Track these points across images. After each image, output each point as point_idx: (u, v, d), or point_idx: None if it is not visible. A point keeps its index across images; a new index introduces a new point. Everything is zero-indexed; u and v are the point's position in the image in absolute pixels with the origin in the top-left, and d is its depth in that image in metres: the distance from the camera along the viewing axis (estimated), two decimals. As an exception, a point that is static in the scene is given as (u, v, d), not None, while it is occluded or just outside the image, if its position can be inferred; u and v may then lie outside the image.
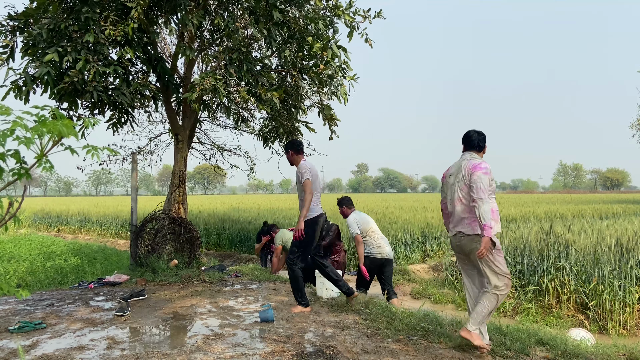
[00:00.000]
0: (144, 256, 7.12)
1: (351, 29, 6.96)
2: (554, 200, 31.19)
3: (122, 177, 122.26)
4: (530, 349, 3.75)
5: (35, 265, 7.97)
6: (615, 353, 3.82)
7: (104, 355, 3.49)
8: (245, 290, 6.06)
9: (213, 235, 14.61)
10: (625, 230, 8.16)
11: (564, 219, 13.47)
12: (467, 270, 3.91)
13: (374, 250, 6.29)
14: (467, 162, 3.72)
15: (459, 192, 3.73)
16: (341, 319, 4.63)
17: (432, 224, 12.56)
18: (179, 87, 7.68)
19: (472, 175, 3.59)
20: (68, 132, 1.58)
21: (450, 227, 3.90)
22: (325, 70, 6.81)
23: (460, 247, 3.79)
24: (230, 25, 6.08)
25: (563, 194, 60.79)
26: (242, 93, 6.04)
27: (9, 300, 5.48)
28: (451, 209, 3.84)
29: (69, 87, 5.60)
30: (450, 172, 3.89)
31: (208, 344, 3.75)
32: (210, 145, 10.71)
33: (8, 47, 5.92)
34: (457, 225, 3.76)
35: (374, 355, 3.53)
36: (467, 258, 3.81)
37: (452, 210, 3.82)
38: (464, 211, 3.70)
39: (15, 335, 4.01)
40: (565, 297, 6.59)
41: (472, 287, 3.89)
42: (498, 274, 3.58)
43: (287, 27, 6.64)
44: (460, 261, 3.97)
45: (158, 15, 6.84)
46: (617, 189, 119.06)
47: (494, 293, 3.58)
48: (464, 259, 3.88)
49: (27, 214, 22.39)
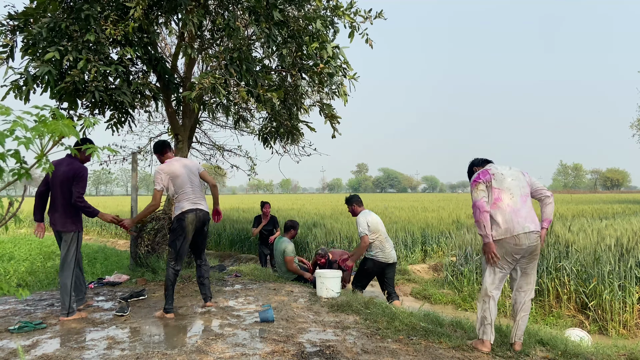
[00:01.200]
0: (144, 256, 7.12)
1: (352, 30, 6.95)
2: (554, 200, 31.23)
3: (122, 177, 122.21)
4: (530, 349, 3.75)
5: (35, 265, 7.97)
6: (615, 353, 3.82)
7: (104, 355, 3.49)
8: (245, 290, 6.06)
9: (213, 235, 14.61)
10: (625, 230, 8.16)
11: (564, 219, 13.47)
12: (505, 275, 3.79)
13: (379, 253, 6.18)
14: (511, 169, 3.86)
15: (524, 189, 3.76)
16: (341, 319, 4.63)
17: (432, 224, 12.56)
18: (179, 87, 7.68)
19: (531, 177, 3.87)
20: (69, 132, 1.58)
21: (517, 225, 3.63)
22: (325, 70, 6.80)
23: (532, 247, 3.65)
24: (231, 25, 6.07)
25: (563, 194, 60.77)
26: (242, 93, 6.04)
27: (9, 300, 5.48)
28: (517, 206, 3.67)
29: (70, 86, 5.60)
30: (501, 171, 3.78)
31: (208, 344, 3.75)
32: (210, 145, 10.71)
33: (8, 46, 5.92)
34: (532, 223, 3.64)
35: (374, 355, 3.53)
36: (526, 259, 3.71)
37: (519, 206, 3.67)
38: (531, 209, 3.73)
39: (15, 335, 4.01)
40: (565, 297, 6.59)
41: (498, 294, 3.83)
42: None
43: (287, 27, 6.64)
44: (507, 264, 3.71)
45: (158, 15, 6.84)
46: (617, 189, 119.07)
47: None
48: (515, 260, 3.70)
49: (27, 214, 22.36)
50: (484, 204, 3.67)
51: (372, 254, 6.17)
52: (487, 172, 3.78)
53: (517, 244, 3.59)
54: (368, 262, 6.20)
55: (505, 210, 3.65)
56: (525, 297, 3.75)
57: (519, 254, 3.64)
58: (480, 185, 3.74)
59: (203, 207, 4.91)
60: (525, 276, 3.77)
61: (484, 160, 4.04)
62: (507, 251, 3.64)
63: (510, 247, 3.61)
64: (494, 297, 3.71)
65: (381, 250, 6.16)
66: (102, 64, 5.65)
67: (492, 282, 3.73)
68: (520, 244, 3.59)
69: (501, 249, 3.65)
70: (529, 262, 3.72)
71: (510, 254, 3.64)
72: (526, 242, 3.59)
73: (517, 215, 3.63)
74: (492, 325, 3.71)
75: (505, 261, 3.68)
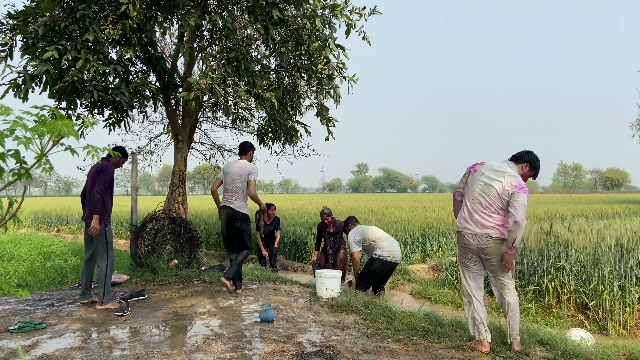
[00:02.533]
0: (144, 256, 7.12)
1: (348, 27, 6.99)
2: (554, 200, 31.20)
3: (122, 177, 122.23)
4: (530, 349, 3.75)
5: (35, 265, 7.96)
6: (615, 353, 3.82)
7: (104, 355, 3.49)
8: (245, 290, 6.06)
9: (213, 235, 14.59)
10: (625, 230, 8.16)
11: (564, 219, 13.47)
12: (475, 274, 3.85)
13: (386, 253, 6.41)
14: (511, 178, 3.62)
15: (491, 196, 3.63)
16: (341, 319, 4.63)
17: (432, 224, 12.56)
18: (178, 87, 7.68)
19: (515, 195, 3.52)
20: (68, 132, 1.58)
21: (465, 223, 3.74)
22: (324, 71, 6.82)
23: (482, 249, 3.67)
24: (229, 25, 6.07)
25: (563, 194, 60.81)
26: (241, 93, 6.04)
27: (9, 300, 5.48)
28: (472, 207, 3.71)
29: (69, 86, 5.59)
30: (483, 171, 3.75)
31: (208, 344, 3.75)
32: (210, 145, 10.71)
33: (7, 45, 5.92)
34: (482, 228, 3.64)
35: (374, 355, 3.53)
36: (487, 261, 3.73)
37: (473, 209, 3.70)
38: (489, 216, 3.63)
39: (15, 335, 4.01)
40: (565, 297, 6.58)
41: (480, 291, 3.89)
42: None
43: (285, 26, 6.64)
44: (469, 260, 3.84)
45: (157, 15, 6.83)
46: (617, 189, 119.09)
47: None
48: (475, 259, 3.80)
49: (27, 214, 22.39)
50: (456, 193, 4.01)
51: (378, 254, 6.33)
52: (475, 166, 3.90)
53: (464, 242, 3.77)
54: (375, 262, 6.37)
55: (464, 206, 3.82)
56: (504, 298, 3.70)
57: (473, 253, 3.76)
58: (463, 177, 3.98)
59: (232, 205, 5.43)
60: (494, 278, 3.78)
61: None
62: (461, 247, 3.83)
63: (462, 243, 3.81)
64: (476, 297, 3.77)
65: (387, 250, 6.39)
66: (100, 64, 5.65)
67: (467, 282, 3.82)
68: (468, 243, 3.74)
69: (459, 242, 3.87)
70: (491, 264, 3.71)
71: (464, 250, 3.82)
72: (473, 242, 3.69)
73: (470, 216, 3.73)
74: (485, 324, 3.72)
75: (466, 258, 3.83)
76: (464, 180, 3.94)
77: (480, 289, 3.82)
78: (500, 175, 3.67)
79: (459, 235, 3.83)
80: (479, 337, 3.72)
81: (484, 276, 3.88)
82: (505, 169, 3.72)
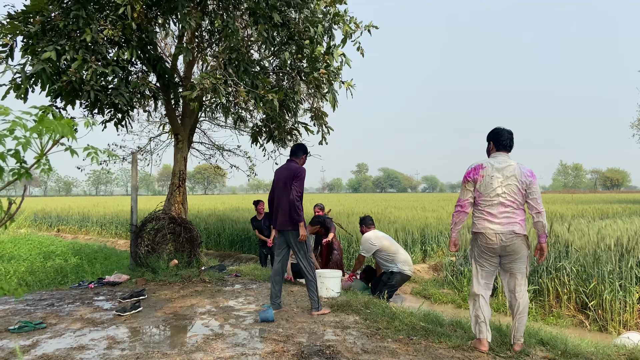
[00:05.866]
0: (144, 256, 7.12)
1: (345, 37, 7.02)
2: (554, 200, 31.18)
3: (122, 177, 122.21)
4: (530, 349, 3.75)
5: (35, 265, 7.96)
6: (615, 353, 3.82)
7: (104, 355, 3.49)
8: (245, 290, 6.06)
9: (213, 235, 14.60)
10: (625, 230, 8.15)
11: (564, 219, 13.47)
12: (489, 273, 3.82)
13: (406, 267, 6.40)
14: (519, 166, 3.68)
15: (512, 193, 3.63)
16: (341, 319, 4.64)
17: (432, 224, 12.55)
18: (178, 87, 7.68)
19: (532, 185, 3.63)
20: (67, 132, 1.58)
21: (487, 224, 3.69)
22: (325, 75, 6.84)
23: (505, 247, 3.65)
24: (230, 26, 6.07)
25: (563, 194, 60.77)
26: (242, 93, 6.04)
27: (9, 300, 5.48)
28: (494, 209, 3.67)
29: (67, 86, 5.59)
30: (492, 174, 3.69)
31: (208, 344, 3.75)
32: (210, 145, 10.71)
33: (7, 46, 5.92)
34: (507, 225, 3.63)
35: (374, 355, 3.53)
36: (507, 258, 3.72)
37: (496, 210, 3.66)
38: (513, 212, 3.64)
39: (15, 335, 4.01)
40: (565, 297, 6.58)
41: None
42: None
43: (286, 29, 6.65)
44: (487, 260, 3.78)
45: (157, 15, 6.83)
46: (617, 188, 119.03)
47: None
48: (494, 259, 3.75)
49: (27, 214, 22.39)
50: (465, 204, 3.81)
51: (400, 269, 6.32)
52: (478, 171, 3.76)
53: (487, 242, 3.70)
54: (396, 277, 6.33)
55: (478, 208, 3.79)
56: (515, 299, 3.70)
57: (493, 253, 3.71)
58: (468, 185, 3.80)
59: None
60: (509, 277, 3.76)
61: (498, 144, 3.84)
62: (480, 247, 3.76)
63: (482, 244, 3.73)
64: (483, 296, 3.76)
65: (405, 263, 6.47)
66: (99, 65, 5.65)
67: (478, 281, 3.79)
68: (491, 243, 3.67)
69: (474, 243, 3.81)
70: (510, 262, 3.71)
71: (483, 251, 3.75)
72: (496, 241, 3.64)
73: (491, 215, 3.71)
74: (487, 324, 3.72)
75: (483, 259, 3.77)
76: (470, 189, 3.79)
77: (489, 288, 3.81)
78: (510, 170, 3.67)
79: (479, 236, 3.73)
80: (479, 335, 3.73)
81: (494, 276, 3.88)
82: (506, 161, 3.73)
